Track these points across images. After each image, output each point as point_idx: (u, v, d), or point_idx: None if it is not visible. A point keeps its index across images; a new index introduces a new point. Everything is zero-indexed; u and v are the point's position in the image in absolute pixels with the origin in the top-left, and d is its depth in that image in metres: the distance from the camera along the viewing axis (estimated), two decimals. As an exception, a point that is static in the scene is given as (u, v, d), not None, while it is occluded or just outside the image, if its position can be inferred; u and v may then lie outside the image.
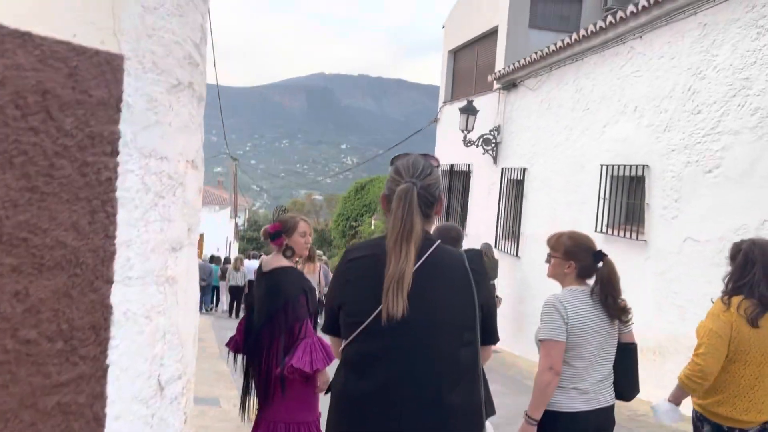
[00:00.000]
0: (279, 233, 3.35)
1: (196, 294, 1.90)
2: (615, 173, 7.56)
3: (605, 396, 2.73)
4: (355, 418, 1.85)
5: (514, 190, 10.48)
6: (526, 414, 2.69)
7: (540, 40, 10.57)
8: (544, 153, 9.52)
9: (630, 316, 2.80)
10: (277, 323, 3.22)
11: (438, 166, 2.00)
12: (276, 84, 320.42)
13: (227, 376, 7.19)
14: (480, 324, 1.89)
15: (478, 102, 11.98)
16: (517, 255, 10.13)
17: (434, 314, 1.82)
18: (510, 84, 10.81)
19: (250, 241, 46.96)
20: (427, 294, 1.81)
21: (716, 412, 2.83)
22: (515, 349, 10.03)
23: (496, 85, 11.39)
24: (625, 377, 2.81)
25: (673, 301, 6.36)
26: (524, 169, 10.10)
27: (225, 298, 16.42)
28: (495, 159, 11.32)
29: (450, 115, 12.98)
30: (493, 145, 11.29)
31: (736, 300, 2.80)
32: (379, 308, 1.79)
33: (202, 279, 18.25)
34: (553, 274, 2.92)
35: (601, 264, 2.79)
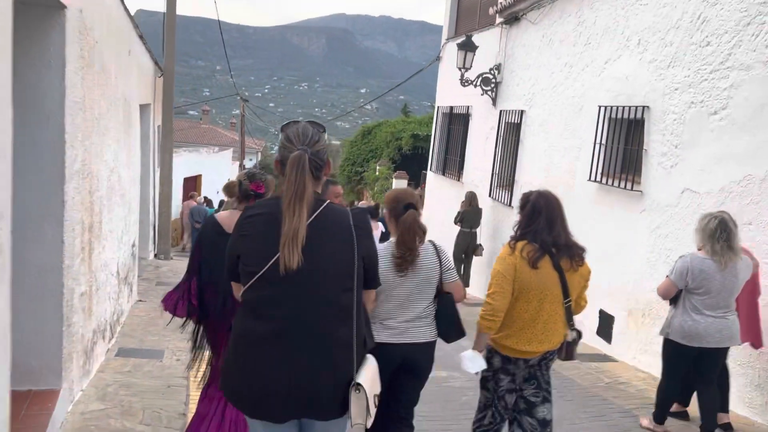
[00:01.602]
0: (262, 195, 3.20)
1: None
2: (613, 115, 6.79)
3: (416, 333, 3.11)
4: (253, 356, 2.10)
5: (513, 134, 9.73)
6: None
7: (547, -32, 9.57)
8: (542, 93, 8.72)
9: (412, 264, 3.07)
10: None
11: (324, 131, 2.23)
12: (295, 25, 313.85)
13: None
14: (363, 272, 2.19)
15: (480, 38, 11.07)
16: (510, 205, 9.47)
17: (320, 264, 2.08)
18: (512, 17, 9.90)
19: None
20: (314, 247, 2.07)
21: (505, 344, 3.12)
22: (504, 303, 9.49)
23: (498, 19, 10.48)
24: (446, 322, 3.17)
25: (666, 260, 5.71)
26: (522, 112, 9.32)
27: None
28: (494, 101, 10.51)
29: (452, 53, 12.05)
30: (492, 85, 10.46)
31: (520, 245, 3.07)
32: (274, 258, 2.05)
33: (196, 221, 17.87)
34: (391, 230, 3.20)
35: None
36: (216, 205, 17.92)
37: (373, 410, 2.14)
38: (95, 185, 4.63)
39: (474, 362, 3.13)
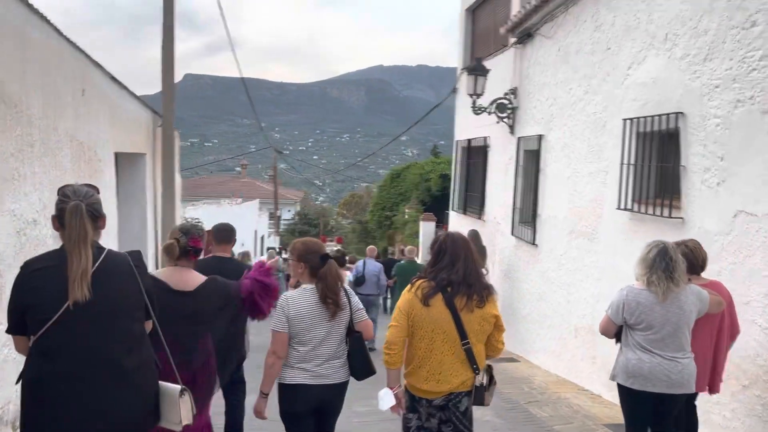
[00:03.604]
0: (200, 250, 3.34)
1: None
2: (642, 129, 5.62)
3: (332, 374, 3.26)
4: (54, 396, 2.29)
5: (532, 163, 8.58)
6: (260, 389, 3.30)
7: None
8: (561, 114, 7.60)
9: (342, 309, 3.25)
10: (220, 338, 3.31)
11: (98, 192, 2.51)
12: (335, 79, 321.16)
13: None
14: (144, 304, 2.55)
15: (494, 63, 10.10)
16: (534, 243, 8.25)
17: (111, 303, 2.38)
18: (525, 35, 8.88)
19: (302, 234, 46.28)
20: (104, 289, 2.36)
21: (408, 382, 3.22)
22: (534, 357, 8.17)
23: (511, 40, 9.48)
24: (356, 360, 3.29)
25: (721, 303, 4.42)
26: (540, 137, 8.19)
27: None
28: (512, 128, 9.41)
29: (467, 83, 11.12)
30: (508, 111, 9.39)
31: (419, 282, 3.18)
32: (66, 304, 2.28)
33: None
34: (294, 274, 3.37)
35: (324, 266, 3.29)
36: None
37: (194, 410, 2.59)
38: (-25, 240, 3.72)
39: (384, 399, 3.18)
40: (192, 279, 3.19)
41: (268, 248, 18.47)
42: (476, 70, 9.29)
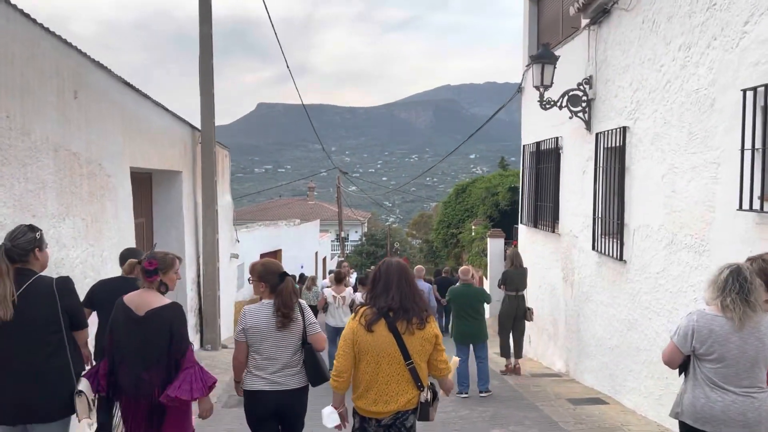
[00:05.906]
0: (156, 270, 3.50)
1: None
2: (772, 99, 4.15)
3: (287, 381, 3.68)
4: None
5: (615, 162, 7.12)
6: (234, 379, 3.86)
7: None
8: (650, 98, 6.15)
9: (292, 321, 3.68)
10: (168, 361, 3.44)
11: (35, 231, 3.27)
12: (402, 101, 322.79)
13: None
14: (68, 319, 3.27)
15: (564, 51, 8.74)
16: (621, 258, 6.75)
17: (30, 318, 3.12)
18: (600, 12, 7.49)
19: (368, 256, 45.32)
20: (26, 306, 3.11)
21: (357, 405, 3.38)
22: (626, 399, 6.64)
23: (583, 22, 8.11)
24: (310, 368, 3.73)
25: None
26: (624, 129, 6.74)
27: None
28: (588, 123, 7.99)
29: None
30: (583, 104, 7.98)
31: (361, 310, 3.36)
32: None
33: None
34: (256, 292, 3.84)
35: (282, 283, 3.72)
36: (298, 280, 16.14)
37: (93, 408, 3.25)
38: None
39: (330, 418, 3.40)
40: (155, 300, 3.46)
41: (330, 271, 17.68)
42: (542, 57, 7.96)
